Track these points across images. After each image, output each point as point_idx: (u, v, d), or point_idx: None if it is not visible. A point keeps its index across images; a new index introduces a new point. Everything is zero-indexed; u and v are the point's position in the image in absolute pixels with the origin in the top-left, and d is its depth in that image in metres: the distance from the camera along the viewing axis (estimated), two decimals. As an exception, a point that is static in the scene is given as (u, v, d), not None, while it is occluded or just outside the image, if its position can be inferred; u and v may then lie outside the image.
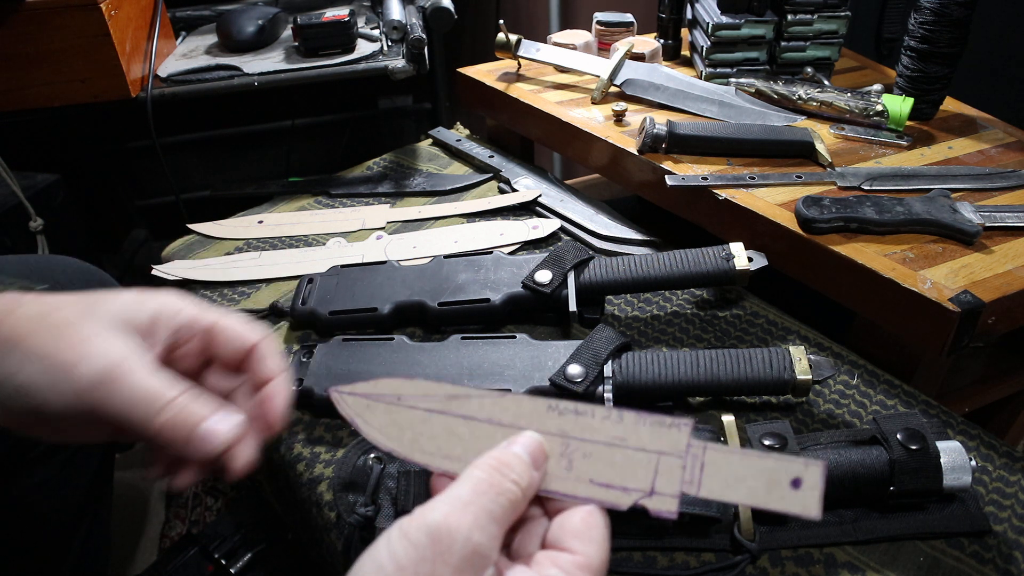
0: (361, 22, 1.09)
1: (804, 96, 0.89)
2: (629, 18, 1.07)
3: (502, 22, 0.99)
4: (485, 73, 1.04)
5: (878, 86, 0.88)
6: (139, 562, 1.17)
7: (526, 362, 0.62)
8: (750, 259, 0.67)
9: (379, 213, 0.91)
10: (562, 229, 0.85)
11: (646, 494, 0.33)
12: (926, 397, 0.63)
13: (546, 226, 0.84)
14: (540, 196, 0.90)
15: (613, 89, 0.95)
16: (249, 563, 0.95)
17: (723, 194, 0.74)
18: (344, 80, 0.97)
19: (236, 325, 0.44)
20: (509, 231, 0.84)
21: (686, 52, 1.09)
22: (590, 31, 1.08)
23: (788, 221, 0.70)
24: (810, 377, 0.58)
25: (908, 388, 0.64)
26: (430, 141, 1.09)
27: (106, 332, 0.39)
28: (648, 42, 1.04)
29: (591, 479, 0.34)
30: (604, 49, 1.07)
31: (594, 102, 0.94)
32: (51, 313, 0.39)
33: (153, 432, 0.37)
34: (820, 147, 0.80)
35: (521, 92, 0.97)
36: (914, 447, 0.50)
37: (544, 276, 0.69)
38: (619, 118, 0.89)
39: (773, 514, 0.52)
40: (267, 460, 0.66)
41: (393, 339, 0.66)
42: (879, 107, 0.85)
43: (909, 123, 0.88)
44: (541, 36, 1.07)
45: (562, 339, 0.67)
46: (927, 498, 0.52)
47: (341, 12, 1.00)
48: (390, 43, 1.02)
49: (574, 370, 0.60)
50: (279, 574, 0.95)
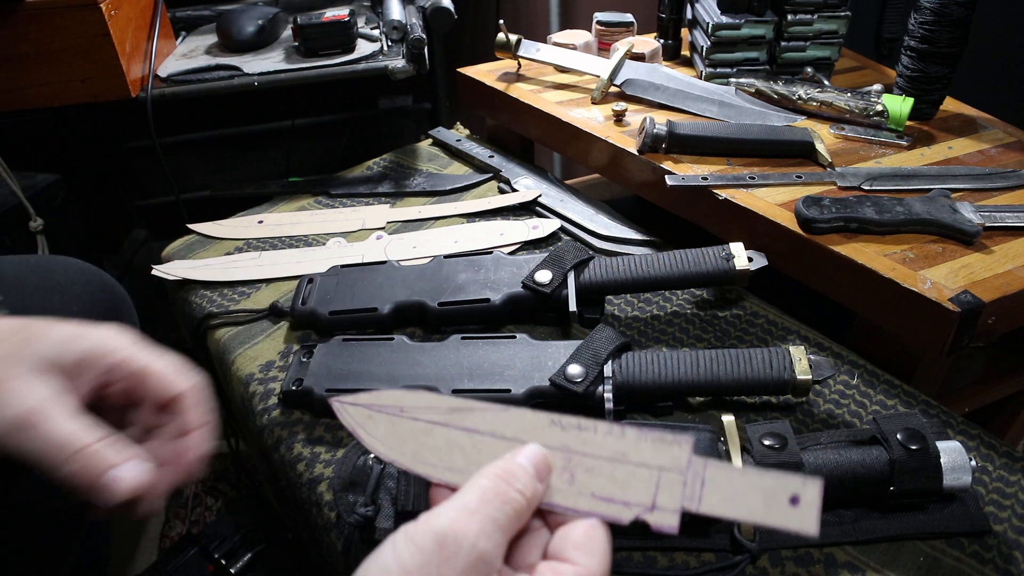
0: (361, 22, 1.09)
1: (804, 96, 0.89)
2: (629, 18, 1.07)
3: (502, 22, 0.99)
4: (485, 73, 1.04)
5: (878, 86, 0.88)
6: (139, 562, 1.17)
7: (526, 362, 0.62)
8: (750, 259, 0.67)
9: (379, 213, 0.91)
10: (562, 229, 0.85)
11: (647, 509, 0.33)
12: (926, 397, 0.63)
13: (546, 226, 0.84)
14: (540, 196, 0.90)
15: (613, 89, 0.95)
16: (249, 563, 0.95)
17: (723, 194, 0.74)
18: (344, 80, 0.97)
19: (167, 371, 0.45)
20: (509, 231, 0.84)
21: (686, 52, 1.09)
22: (590, 31, 1.08)
23: (788, 221, 0.70)
24: (810, 377, 0.58)
25: (908, 388, 0.64)
26: (430, 141, 1.09)
27: (29, 375, 0.40)
28: (648, 42, 1.04)
29: (593, 493, 0.34)
30: (604, 49, 1.07)
31: (594, 102, 0.94)
32: None
33: (61, 477, 0.39)
34: (820, 147, 0.80)
35: (521, 92, 0.97)
36: (914, 447, 0.50)
37: (544, 276, 0.69)
38: (619, 118, 0.89)
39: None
40: (267, 460, 0.66)
41: (393, 339, 0.66)
42: (879, 107, 0.85)
43: (909, 123, 0.88)
44: (541, 36, 1.07)
45: (562, 339, 0.67)
46: (927, 498, 0.52)
47: (341, 12, 1.00)
48: (390, 43, 1.02)
49: (574, 370, 0.59)
50: (279, 574, 0.95)
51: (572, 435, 0.35)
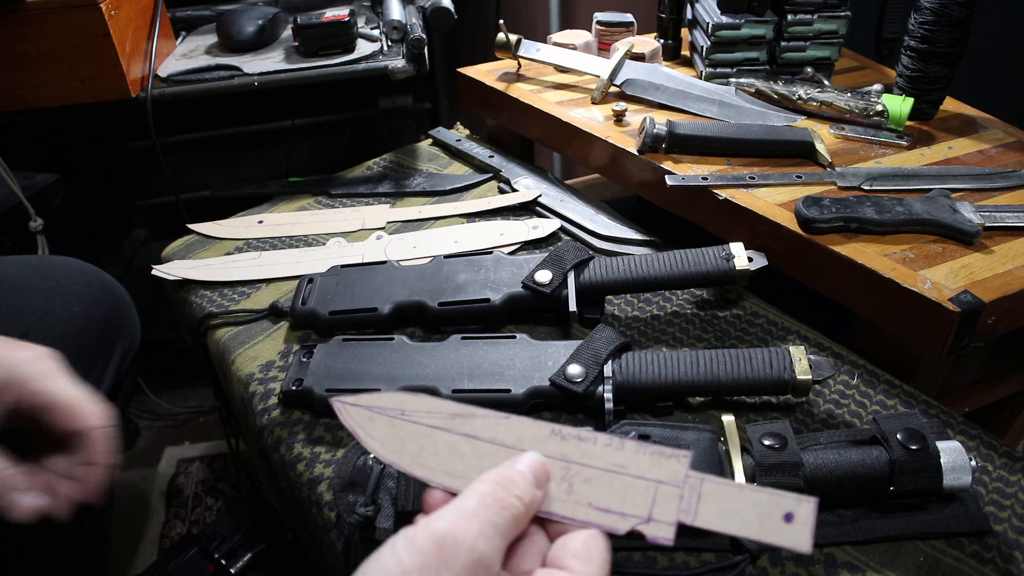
0: (361, 22, 1.09)
1: (804, 96, 0.89)
2: (629, 18, 1.07)
3: (502, 22, 0.99)
4: (485, 73, 1.04)
5: (878, 86, 0.88)
6: (139, 562, 1.17)
7: (526, 362, 0.62)
8: (750, 259, 0.68)
9: (379, 213, 0.91)
10: (562, 229, 0.85)
11: (643, 520, 0.34)
12: (926, 397, 0.63)
13: (546, 226, 0.84)
14: (540, 196, 0.90)
15: (613, 89, 0.95)
16: (249, 563, 0.96)
17: (723, 194, 0.74)
18: (344, 80, 0.97)
19: (75, 405, 0.48)
20: (509, 231, 0.84)
21: (686, 52, 1.09)
22: (590, 31, 1.08)
23: (788, 221, 0.70)
24: (810, 377, 0.58)
25: (908, 388, 0.64)
26: (430, 141, 1.09)
27: None
28: (648, 42, 1.04)
29: (590, 503, 0.34)
30: (604, 49, 1.07)
31: (594, 102, 0.94)
32: None
33: None
34: (820, 147, 0.80)
35: (521, 92, 0.97)
36: (914, 447, 0.50)
37: (544, 276, 0.69)
38: (619, 118, 0.89)
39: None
40: (267, 460, 0.66)
41: (393, 339, 0.66)
42: (879, 107, 0.85)
43: (909, 123, 0.88)
44: (541, 36, 1.07)
45: (562, 339, 0.67)
46: (927, 498, 0.52)
47: (341, 12, 1.00)
48: (390, 43, 1.02)
49: (574, 370, 0.60)
50: (279, 574, 0.95)
51: (572, 445, 0.36)
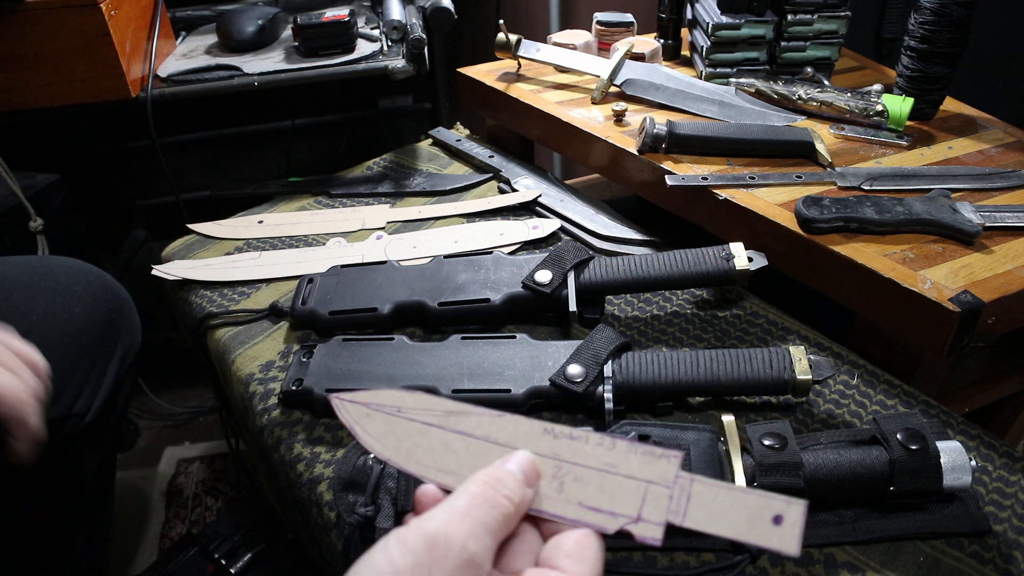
0: (361, 22, 1.09)
1: (804, 96, 0.89)
2: (629, 18, 1.07)
3: (502, 22, 0.99)
4: (485, 73, 1.04)
5: (878, 86, 0.88)
6: (139, 562, 1.17)
7: (526, 362, 0.62)
8: (750, 259, 0.68)
9: (379, 213, 0.91)
10: (562, 229, 0.85)
11: (632, 520, 0.34)
12: (926, 397, 0.63)
13: (546, 226, 0.84)
14: (540, 196, 0.90)
15: (613, 89, 0.95)
16: (249, 563, 0.96)
17: (723, 194, 0.74)
18: (344, 80, 0.97)
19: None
20: (509, 231, 0.84)
21: (686, 52, 1.09)
22: (590, 31, 1.08)
23: (788, 221, 0.70)
24: (810, 377, 0.58)
25: (908, 388, 0.64)
26: (430, 141, 1.09)
27: None
28: (648, 42, 1.04)
29: (580, 502, 0.35)
30: (604, 49, 1.07)
31: (594, 102, 0.94)
32: None
33: None
34: (820, 147, 0.80)
35: (521, 92, 0.97)
36: (914, 447, 0.50)
37: (544, 276, 0.69)
38: (619, 118, 0.89)
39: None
40: (267, 460, 0.66)
41: (393, 339, 0.66)
42: (879, 107, 0.85)
43: (909, 123, 0.88)
44: (541, 36, 1.07)
45: (562, 339, 0.67)
46: (927, 498, 0.52)
47: (341, 12, 1.00)
48: (390, 43, 1.02)
49: (574, 370, 0.60)
50: (279, 574, 0.96)
51: (564, 444, 0.36)
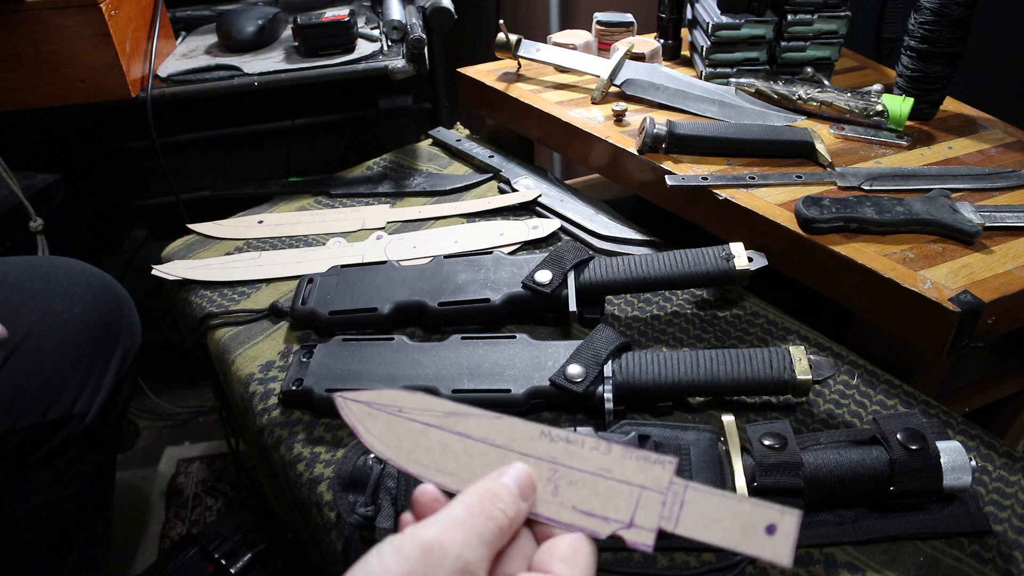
0: (361, 22, 1.09)
1: (804, 96, 0.89)
2: (629, 18, 1.07)
3: (502, 22, 0.99)
4: (485, 73, 1.04)
5: (878, 86, 0.88)
6: (139, 562, 1.17)
7: (526, 362, 0.62)
8: (750, 259, 0.68)
9: (379, 213, 0.91)
10: (562, 229, 0.85)
11: (625, 525, 0.34)
12: (926, 397, 0.63)
13: (546, 226, 0.84)
14: (540, 196, 0.90)
15: (613, 89, 0.95)
16: (249, 563, 0.96)
17: (723, 194, 0.74)
18: (344, 80, 0.97)
19: None
20: (509, 231, 0.84)
21: (686, 52, 1.09)
22: (590, 31, 1.08)
23: (788, 221, 0.70)
24: (810, 377, 0.58)
25: (908, 388, 0.64)
26: (430, 141, 1.09)
27: None
28: (648, 42, 1.04)
29: (574, 506, 0.35)
30: (604, 49, 1.07)
31: (594, 102, 0.94)
32: None
33: None
34: (820, 147, 0.80)
35: (521, 92, 0.97)
36: (914, 447, 0.50)
37: (544, 276, 0.69)
38: (619, 118, 0.89)
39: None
40: (267, 460, 0.66)
41: (393, 339, 0.66)
42: (879, 107, 0.85)
43: (909, 123, 0.88)
44: (541, 36, 1.07)
45: (562, 339, 0.67)
46: (927, 498, 0.52)
47: (341, 12, 1.00)
48: (390, 43, 1.02)
49: (574, 370, 0.60)
50: (279, 574, 0.95)
51: (560, 447, 0.36)
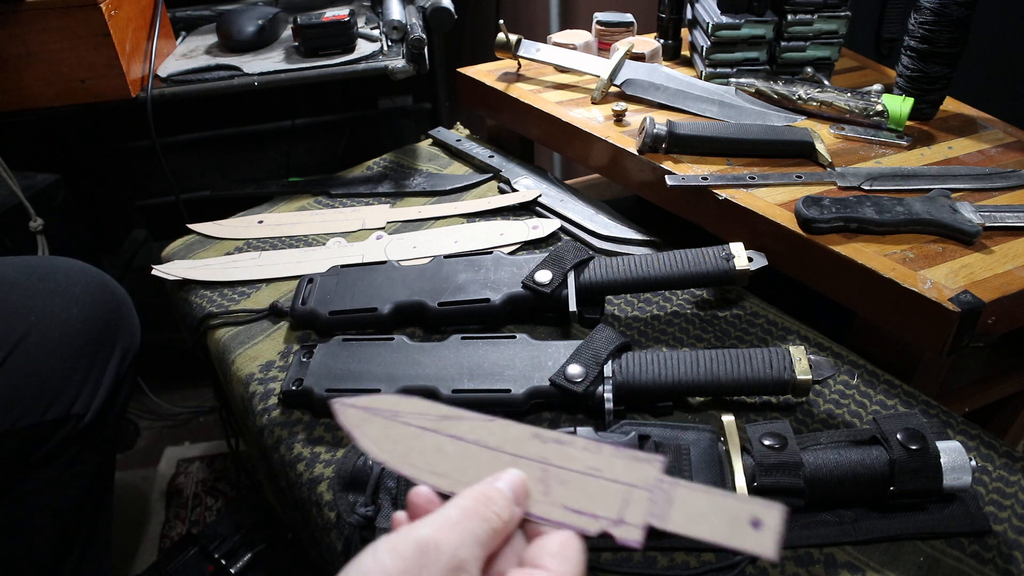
0: (361, 22, 1.09)
1: (804, 96, 0.89)
2: (629, 18, 1.07)
3: (502, 22, 0.99)
4: (485, 73, 1.04)
5: (878, 86, 0.88)
6: (139, 562, 1.17)
7: (526, 362, 0.62)
8: (750, 259, 0.68)
9: (379, 213, 0.91)
10: (562, 229, 0.85)
11: (614, 523, 0.35)
12: (926, 397, 0.63)
13: (546, 226, 0.84)
14: (540, 196, 0.90)
15: (613, 89, 0.95)
16: (249, 563, 0.96)
17: (723, 194, 0.74)
18: (344, 80, 0.97)
19: None
20: (509, 231, 0.84)
21: (686, 52, 1.09)
22: (590, 31, 1.08)
23: (788, 221, 0.70)
24: (810, 377, 0.58)
25: (908, 388, 0.64)
26: (430, 141, 1.09)
27: None
28: (648, 42, 1.04)
29: (565, 504, 0.36)
30: (604, 49, 1.07)
31: (594, 102, 0.94)
32: None
33: None
34: (820, 147, 0.80)
35: (521, 92, 0.97)
36: (914, 447, 0.50)
37: (544, 276, 0.69)
38: (619, 118, 0.89)
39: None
40: (267, 460, 0.66)
41: (393, 339, 0.66)
42: (879, 107, 0.85)
43: (909, 123, 0.88)
44: (541, 36, 1.07)
45: (562, 339, 0.67)
46: (927, 498, 0.52)
47: (341, 12, 1.00)
48: (390, 43, 1.02)
49: (574, 370, 0.60)
50: (279, 574, 0.95)
51: (551, 448, 0.37)
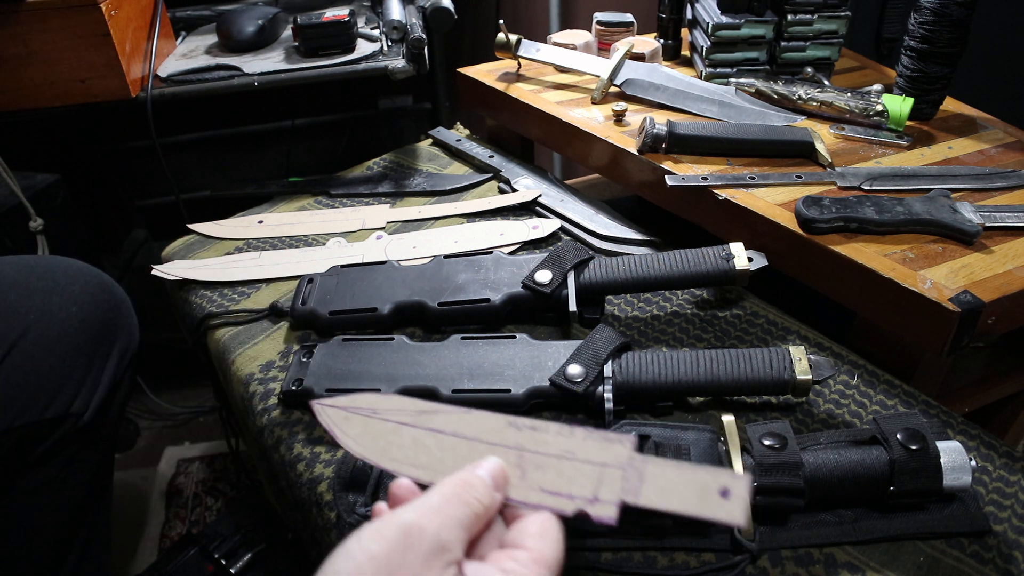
0: (361, 22, 1.09)
1: (804, 96, 0.89)
2: (629, 18, 1.07)
3: (502, 22, 0.99)
4: (485, 73, 1.04)
5: (878, 86, 0.88)
6: (139, 562, 1.17)
7: (526, 362, 0.62)
8: (750, 259, 0.68)
9: (379, 213, 0.91)
10: (562, 229, 0.85)
11: (589, 501, 0.36)
12: (926, 397, 0.63)
13: (546, 226, 0.84)
14: (540, 196, 0.90)
15: (613, 89, 0.95)
16: (249, 563, 0.96)
17: (723, 194, 0.74)
18: (344, 80, 0.97)
19: None
20: (509, 231, 0.84)
21: (686, 52, 1.09)
22: (590, 31, 1.08)
23: (788, 221, 0.70)
24: (810, 377, 0.58)
25: (908, 388, 0.64)
26: (430, 141, 1.09)
27: None
28: (648, 42, 1.04)
29: (541, 487, 0.37)
30: (604, 49, 1.07)
31: (594, 102, 0.94)
32: None
33: None
34: (820, 147, 0.80)
35: (521, 92, 0.97)
36: (914, 447, 0.50)
37: (544, 276, 0.69)
38: (619, 118, 0.89)
39: (768, 514, 0.52)
40: (267, 460, 0.66)
41: (393, 339, 0.66)
42: (879, 107, 0.85)
43: (909, 123, 0.88)
44: (541, 36, 1.07)
45: (562, 339, 0.67)
46: (927, 498, 0.52)
47: (341, 12, 1.00)
48: (390, 43, 1.02)
49: (574, 370, 0.60)
50: (279, 574, 0.95)
51: (526, 435, 0.38)
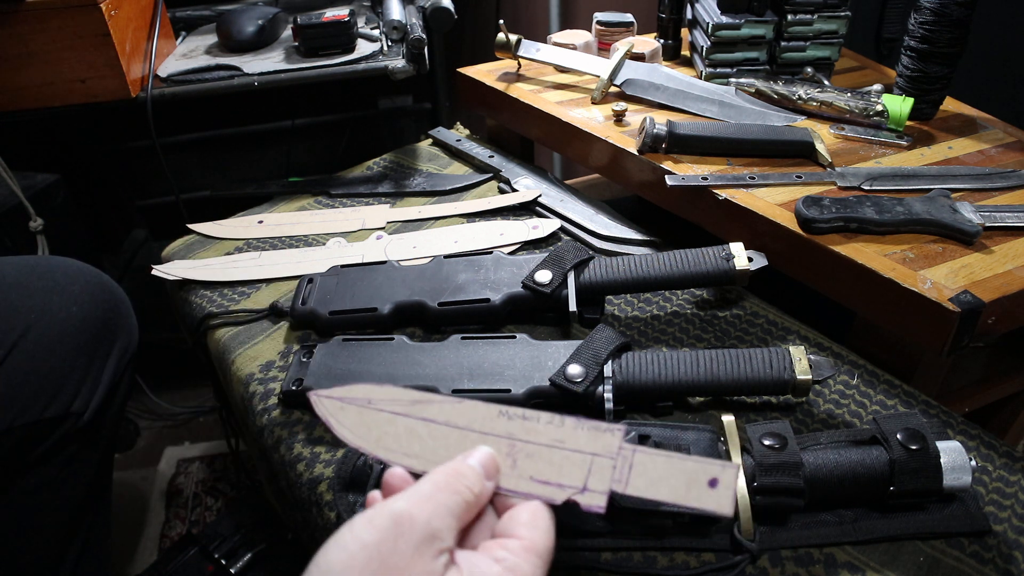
0: (361, 22, 1.09)
1: (804, 96, 0.89)
2: (629, 18, 1.07)
3: (502, 22, 0.99)
4: (485, 73, 1.04)
5: (878, 86, 0.88)
6: (139, 562, 1.17)
7: (526, 362, 0.62)
8: (750, 259, 0.68)
9: (379, 213, 0.91)
10: (562, 229, 0.85)
11: (579, 491, 0.36)
12: (926, 397, 0.63)
13: (546, 226, 0.84)
14: (540, 196, 0.90)
15: (613, 89, 0.95)
16: (249, 563, 0.96)
17: (723, 194, 0.74)
18: (344, 80, 0.97)
19: None
20: (509, 231, 0.84)
21: (686, 52, 1.09)
22: (590, 31, 1.08)
23: (788, 221, 0.70)
24: (810, 377, 0.58)
25: (908, 388, 0.64)
26: (430, 141, 1.09)
27: None
28: (648, 42, 1.04)
29: (532, 476, 0.37)
30: (604, 49, 1.07)
31: (594, 102, 0.94)
32: None
33: None
34: (820, 147, 0.80)
35: (521, 92, 0.97)
36: (914, 447, 0.50)
37: (544, 276, 0.69)
38: (619, 118, 0.89)
39: (768, 514, 0.52)
40: (267, 460, 0.66)
41: (393, 339, 0.66)
42: (879, 107, 0.85)
43: (909, 123, 0.88)
44: (541, 36, 1.07)
45: (562, 339, 0.67)
46: (927, 498, 0.52)
47: (341, 12, 1.00)
48: (390, 43, 1.02)
49: (574, 370, 0.59)
50: (279, 574, 0.96)
51: (517, 424, 0.39)
